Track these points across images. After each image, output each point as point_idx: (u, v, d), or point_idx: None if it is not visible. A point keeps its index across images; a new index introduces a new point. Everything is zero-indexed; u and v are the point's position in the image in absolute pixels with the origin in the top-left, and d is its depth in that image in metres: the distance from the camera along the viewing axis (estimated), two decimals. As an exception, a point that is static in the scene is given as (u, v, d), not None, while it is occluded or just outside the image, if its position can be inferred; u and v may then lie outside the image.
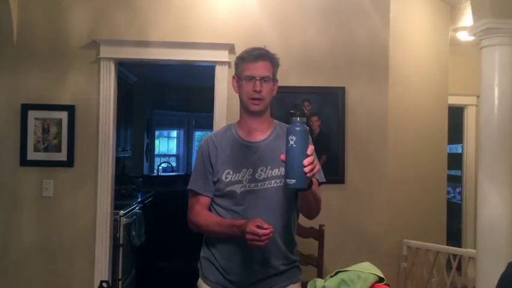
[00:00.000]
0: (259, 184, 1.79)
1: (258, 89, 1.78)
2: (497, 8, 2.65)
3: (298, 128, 1.47)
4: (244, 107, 1.85)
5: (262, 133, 1.86)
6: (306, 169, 1.47)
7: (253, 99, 1.79)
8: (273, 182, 1.79)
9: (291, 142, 1.47)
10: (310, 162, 1.48)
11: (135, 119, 6.25)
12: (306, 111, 1.52)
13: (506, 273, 1.68)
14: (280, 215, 1.81)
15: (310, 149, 1.50)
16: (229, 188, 1.80)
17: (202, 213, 1.85)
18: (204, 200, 1.87)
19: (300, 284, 1.92)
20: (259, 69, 1.80)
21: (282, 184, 1.78)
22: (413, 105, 3.71)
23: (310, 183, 1.61)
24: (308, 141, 1.50)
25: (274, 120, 1.94)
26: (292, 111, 1.50)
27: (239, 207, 1.79)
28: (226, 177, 1.80)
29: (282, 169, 1.76)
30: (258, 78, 1.78)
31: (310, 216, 1.87)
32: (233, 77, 1.89)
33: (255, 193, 1.79)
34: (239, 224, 1.68)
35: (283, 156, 1.52)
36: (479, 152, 2.85)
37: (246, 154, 1.83)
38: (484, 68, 2.77)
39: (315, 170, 1.51)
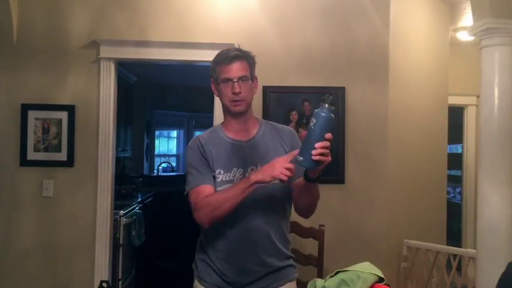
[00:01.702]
0: None
1: (236, 90, 1.76)
2: (497, 8, 2.65)
3: (323, 114, 1.52)
4: (226, 110, 1.84)
5: (248, 132, 1.86)
6: (315, 151, 1.49)
7: (234, 101, 1.78)
8: None
9: (311, 124, 1.52)
10: (322, 146, 1.49)
11: (135, 119, 6.25)
12: (335, 102, 1.55)
13: (506, 273, 1.68)
14: (273, 213, 1.81)
15: (329, 135, 1.51)
16: (220, 188, 1.78)
17: (211, 195, 1.75)
18: (209, 189, 1.77)
19: (295, 282, 1.92)
20: (235, 70, 1.77)
21: (272, 183, 1.76)
22: (413, 105, 3.71)
23: (318, 177, 1.62)
24: (328, 128, 1.53)
25: (259, 119, 1.94)
26: (323, 97, 1.54)
27: None
28: (217, 177, 1.79)
29: None
30: (236, 79, 1.76)
31: (307, 213, 1.83)
32: (212, 81, 1.86)
33: None
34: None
35: (304, 133, 1.56)
36: (479, 152, 2.85)
37: (235, 153, 1.82)
38: (484, 68, 2.77)
39: (324, 158, 1.51)
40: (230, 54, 1.79)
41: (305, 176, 1.64)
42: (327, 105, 1.52)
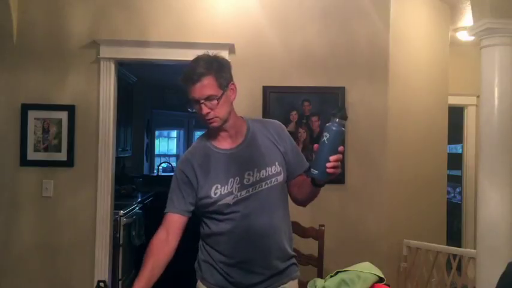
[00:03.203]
0: (250, 189, 1.76)
1: (203, 112, 1.70)
2: (497, 8, 2.65)
3: (334, 128, 1.56)
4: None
5: (236, 138, 1.81)
6: (329, 164, 1.53)
7: (207, 119, 1.73)
8: (263, 184, 1.77)
9: (324, 138, 1.56)
10: (336, 159, 1.54)
11: (135, 119, 6.25)
12: (347, 116, 1.58)
13: (506, 273, 1.68)
14: (274, 214, 1.81)
15: (341, 148, 1.56)
16: (221, 202, 1.75)
17: (151, 250, 1.77)
18: (171, 218, 1.80)
19: (297, 281, 1.92)
20: (200, 91, 1.68)
21: (272, 184, 1.78)
22: (413, 105, 3.71)
23: (325, 182, 1.66)
24: (340, 142, 1.58)
25: (246, 118, 1.87)
26: (333, 112, 1.57)
27: (234, 215, 1.76)
28: (215, 193, 1.75)
29: (269, 169, 1.78)
30: (202, 101, 1.69)
31: (303, 204, 1.88)
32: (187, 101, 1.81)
33: (247, 199, 1.76)
34: None
35: (316, 146, 1.58)
36: (479, 152, 2.85)
37: (227, 163, 1.78)
38: (484, 68, 2.77)
39: (337, 170, 1.56)
40: (192, 74, 1.69)
41: (313, 182, 1.68)
42: (337, 119, 1.55)
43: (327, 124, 1.58)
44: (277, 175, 1.79)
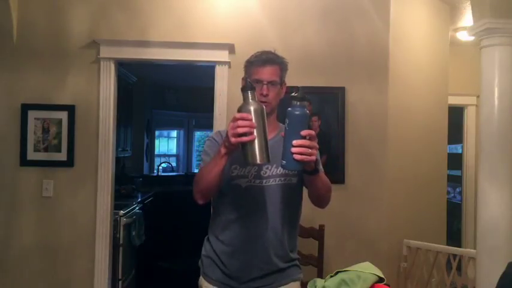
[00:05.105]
0: (264, 181, 1.82)
1: (264, 92, 1.81)
2: (497, 8, 2.65)
3: (295, 112, 1.49)
4: None
5: (269, 133, 1.87)
6: (294, 150, 1.48)
7: (261, 101, 1.78)
8: (277, 179, 1.83)
9: (286, 124, 1.51)
10: (299, 144, 1.48)
11: (135, 119, 6.25)
12: (305, 97, 1.51)
13: (506, 272, 1.68)
14: (282, 212, 1.84)
15: (305, 132, 1.49)
16: (234, 182, 1.82)
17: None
18: None
19: (299, 283, 1.94)
20: (267, 73, 1.83)
21: (285, 182, 1.83)
22: (413, 105, 3.71)
23: (316, 170, 1.64)
24: (305, 125, 1.50)
25: (280, 124, 1.95)
26: (292, 95, 1.51)
27: (243, 202, 1.83)
28: (233, 172, 1.82)
29: None
30: (265, 82, 1.82)
31: (321, 203, 1.87)
32: (242, 79, 1.89)
33: (259, 189, 1.82)
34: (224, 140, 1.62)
35: (282, 134, 1.55)
36: (479, 152, 2.85)
37: None
38: (484, 68, 2.77)
39: (306, 158, 1.49)
40: (264, 57, 1.85)
41: (303, 170, 1.66)
42: (298, 102, 1.49)
43: (288, 109, 1.50)
44: (292, 176, 1.84)
